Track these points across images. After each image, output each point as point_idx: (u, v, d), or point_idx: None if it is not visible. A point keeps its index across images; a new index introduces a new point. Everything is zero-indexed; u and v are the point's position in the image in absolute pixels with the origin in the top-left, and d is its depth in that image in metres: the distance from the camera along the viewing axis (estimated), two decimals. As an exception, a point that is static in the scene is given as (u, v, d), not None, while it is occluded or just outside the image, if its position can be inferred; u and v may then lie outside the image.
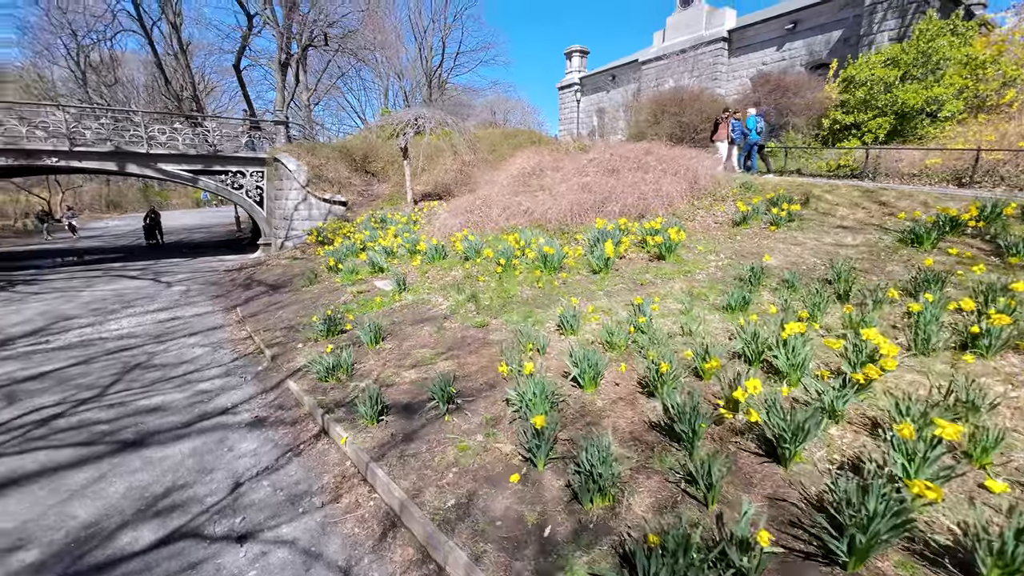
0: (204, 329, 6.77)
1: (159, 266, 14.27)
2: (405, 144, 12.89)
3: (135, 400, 4.18)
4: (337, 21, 25.51)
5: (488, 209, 10.18)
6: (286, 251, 13.90)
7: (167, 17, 23.75)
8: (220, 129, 16.45)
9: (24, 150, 13.11)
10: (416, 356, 4.51)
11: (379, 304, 6.47)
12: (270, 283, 9.35)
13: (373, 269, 8.22)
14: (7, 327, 7.09)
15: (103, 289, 10.38)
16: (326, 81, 35.19)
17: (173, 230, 27.22)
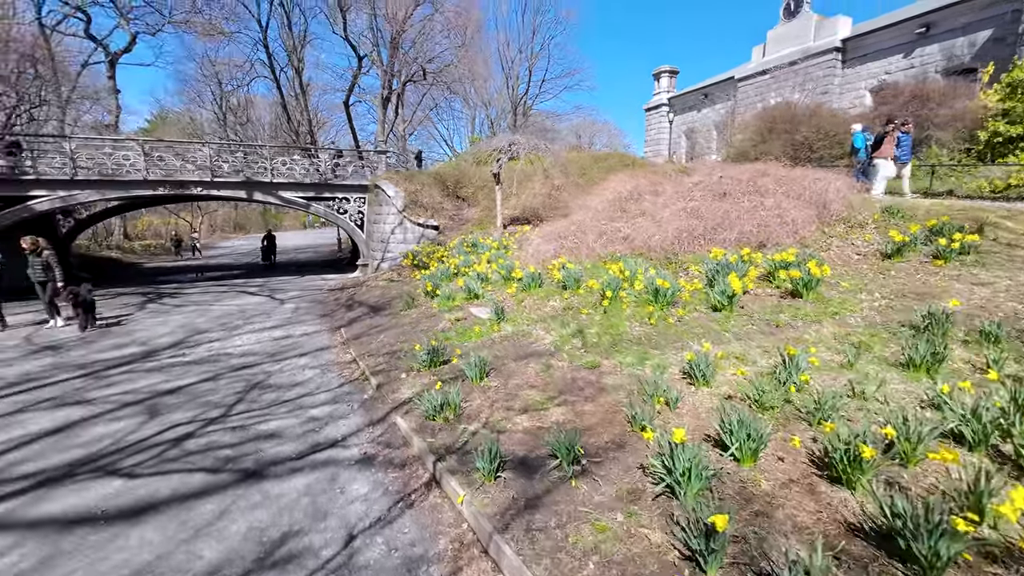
0: (313, 349, 7.05)
1: (273, 283, 15.68)
2: (498, 170, 13.02)
3: (254, 424, 4.27)
4: (435, 57, 27.20)
5: (583, 235, 9.79)
6: (382, 272, 14.57)
7: (292, 63, 26.93)
8: (332, 160, 17.99)
9: (178, 180, 15.23)
10: (525, 399, 4.16)
11: (478, 334, 6.28)
12: (370, 304, 9.70)
13: (469, 295, 8.15)
14: (155, 338, 7.98)
15: (229, 304, 11.50)
16: (420, 113, 37.65)
17: (285, 249, 30.24)
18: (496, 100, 42.01)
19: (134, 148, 15.06)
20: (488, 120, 42.55)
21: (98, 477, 3.30)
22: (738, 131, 18.81)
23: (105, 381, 5.58)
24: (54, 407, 4.73)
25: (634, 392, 4.01)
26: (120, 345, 7.44)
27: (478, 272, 8.98)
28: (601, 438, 3.35)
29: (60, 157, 14.25)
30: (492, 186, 17.56)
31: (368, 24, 26.22)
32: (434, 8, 27.13)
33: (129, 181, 14.69)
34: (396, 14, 24.49)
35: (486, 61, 36.17)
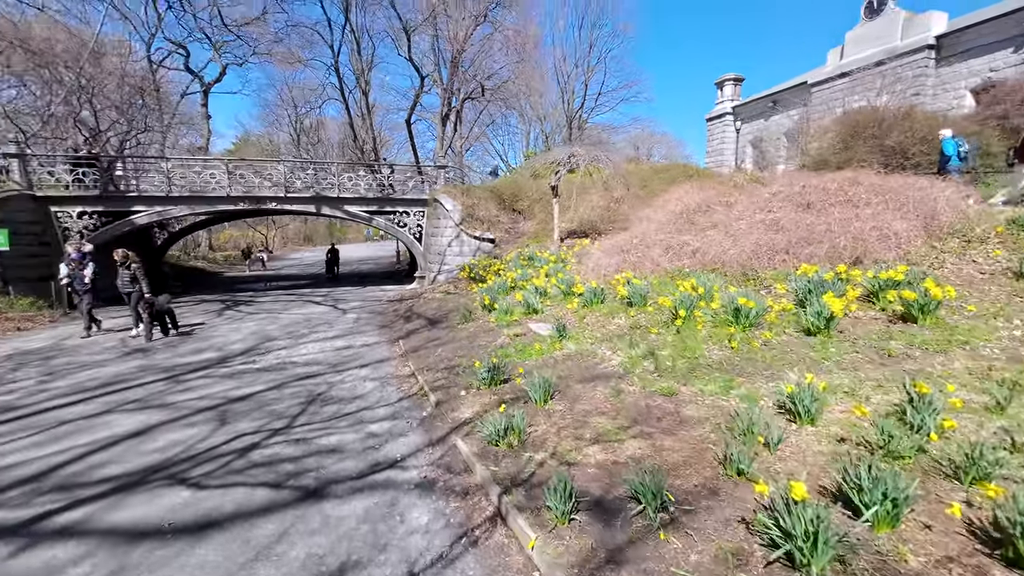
0: (372, 361, 7.07)
1: (336, 293, 16.30)
2: (557, 182, 12.81)
3: (316, 437, 4.22)
4: (493, 74, 27.73)
5: (647, 249, 9.28)
6: (439, 284, 14.71)
7: (360, 86, 28.47)
8: (393, 175, 18.63)
9: (256, 196, 16.32)
10: (595, 427, 3.80)
11: (539, 351, 5.99)
12: (428, 317, 9.71)
13: (527, 310, 7.90)
14: (230, 344, 8.40)
15: (296, 313, 12.02)
16: (476, 129, 38.50)
17: (348, 261, 31.68)
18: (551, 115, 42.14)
19: (220, 167, 16.37)
20: (543, 135, 42.72)
21: (169, 486, 3.33)
22: (814, 138, 17.43)
23: (184, 385, 5.85)
24: (138, 409, 4.97)
25: (722, 426, 3.53)
26: (200, 350, 7.88)
27: (536, 286, 8.73)
28: (689, 480, 2.92)
29: (158, 176, 15.75)
30: (548, 199, 17.36)
31: (430, 45, 27.27)
32: (493, 27, 27.78)
33: (214, 197, 15.93)
34: (457, 34, 25.26)
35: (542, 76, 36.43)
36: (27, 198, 14.11)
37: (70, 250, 9.41)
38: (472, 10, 26.66)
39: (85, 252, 9.39)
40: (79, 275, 9.10)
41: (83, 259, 9.23)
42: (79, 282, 9.11)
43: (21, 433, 4.35)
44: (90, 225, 15.00)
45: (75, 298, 9.46)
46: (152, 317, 8.68)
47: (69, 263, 9.16)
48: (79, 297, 9.36)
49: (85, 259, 9.25)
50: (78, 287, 9.17)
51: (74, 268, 9.12)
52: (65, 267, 9.22)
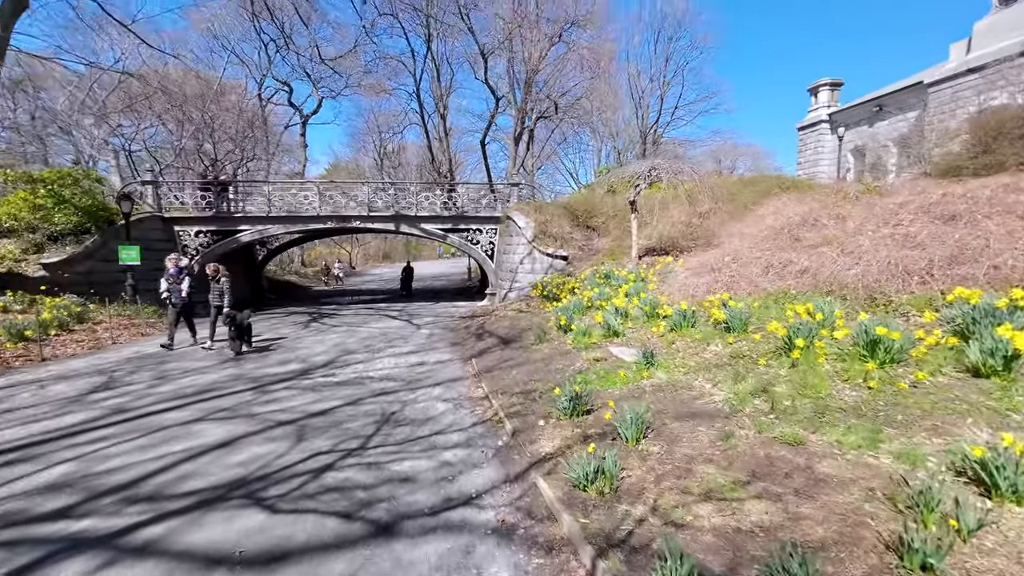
0: (445, 380, 6.90)
1: (411, 308, 16.71)
2: (635, 196, 12.15)
3: (389, 462, 4.01)
4: (567, 92, 27.69)
5: (742, 267, 8.34)
6: (510, 302, 14.51)
7: (438, 110, 29.82)
8: (466, 194, 19.00)
9: (342, 215, 17.36)
10: (703, 478, 3.18)
11: (623, 380, 5.42)
12: (500, 336, 9.45)
13: (607, 332, 7.33)
14: (313, 356, 8.72)
15: (374, 327, 12.37)
16: (548, 148, 38.68)
17: (422, 277, 32.82)
18: (624, 131, 41.28)
19: (312, 189, 17.68)
20: (615, 151, 41.91)
21: (245, 506, 3.24)
22: (940, 142, 15.11)
23: (269, 396, 6.02)
24: (226, 419, 5.13)
25: (878, 494, 2.76)
26: (286, 361, 8.24)
27: (616, 306, 8.13)
28: (847, 570, 2.24)
29: (260, 198, 17.34)
30: (624, 215, 16.62)
31: (506, 68, 27.93)
32: (568, 47, 27.85)
33: (307, 216, 17.18)
34: (531, 55, 25.63)
35: (616, 92, 35.88)
36: (157, 219, 16.11)
37: (168, 265, 9.65)
38: (547, 31, 26.98)
39: (181, 267, 9.65)
40: (176, 289, 9.41)
41: (180, 273, 9.50)
42: (176, 295, 9.42)
43: (128, 436, 4.62)
44: (204, 242, 16.79)
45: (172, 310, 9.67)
46: (238, 329, 8.70)
47: (168, 277, 9.48)
48: (175, 309, 9.67)
49: (181, 273, 9.52)
50: (175, 300, 9.47)
51: (172, 282, 9.44)
52: (164, 281, 9.54)
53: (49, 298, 11.62)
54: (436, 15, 21.68)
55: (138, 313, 13.12)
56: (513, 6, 25.71)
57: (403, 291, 23.11)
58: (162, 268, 16.12)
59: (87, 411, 5.40)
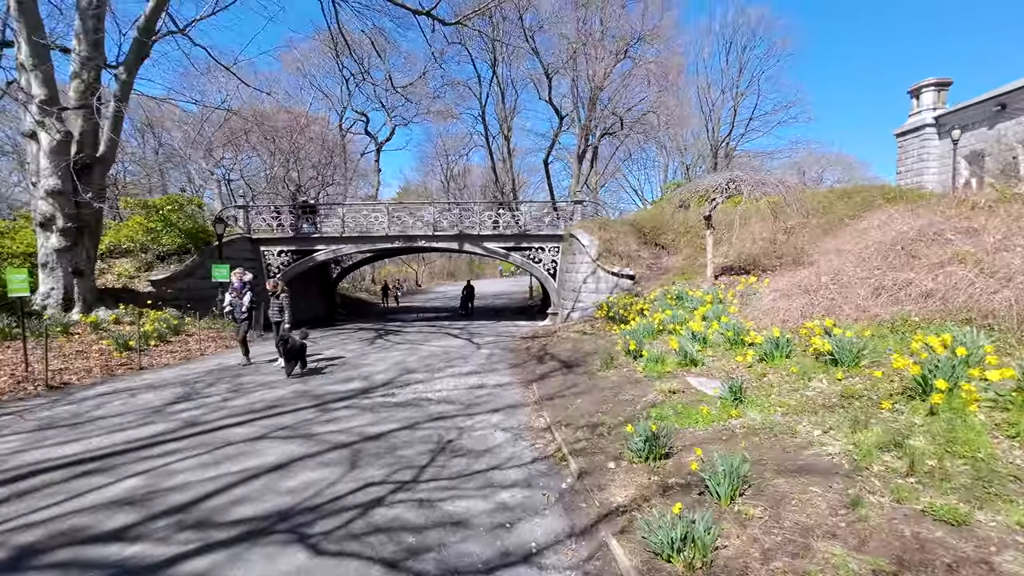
0: (504, 405, 6.51)
1: (472, 327, 16.65)
2: (711, 211, 11.23)
3: (441, 500, 3.67)
4: (633, 107, 27.02)
5: (844, 289, 7.25)
6: (573, 322, 13.94)
7: (502, 132, 30.34)
8: (529, 212, 18.85)
9: (409, 235, 17.87)
10: (828, 560, 2.49)
11: (706, 417, 4.71)
12: (563, 359, 8.95)
13: (683, 360, 6.59)
14: (375, 373, 8.75)
15: (435, 345, 12.36)
16: (612, 166, 37.96)
17: (484, 295, 33.06)
18: (693, 145, 39.60)
19: (382, 210, 18.43)
20: (683, 167, 40.26)
21: (288, 543, 3.04)
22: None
23: (329, 416, 5.98)
24: (285, 438, 5.10)
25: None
26: (350, 378, 8.31)
27: (693, 331, 7.34)
28: None
29: (335, 220, 18.35)
30: (697, 232, 15.54)
31: (569, 87, 27.89)
32: (633, 63, 27.31)
33: (376, 236, 17.88)
34: (596, 73, 25.38)
35: (684, 106, 34.56)
36: (246, 240, 17.54)
37: (233, 279, 9.59)
38: (612, 48, 26.67)
39: (245, 281, 9.51)
40: (238, 303, 9.34)
41: (243, 288, 9.40)
42: (238, 310, 9.37)
43: (195, 451, 4.70)
44: (285, 261, 18.01)
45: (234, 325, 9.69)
46: (288, 353, 8.28)
47: (231, 291, 9.45)
48: (237, 324, 9.62)
49: (244, 288, 9.41)
50: (237, 315, 9.43)
51: (235, 296, 9.39)
52: (228, 295, 9.53)
53: (153, 311, 12.85)
54: (502, 38, 22.14)
55: (225, 327, 14.14)
56: (578, 26, 25.75)
57: (462, 310, 23.08)
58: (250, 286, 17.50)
59: (165, 422, 5.65)
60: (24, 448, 4.78)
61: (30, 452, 4.65)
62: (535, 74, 27.87)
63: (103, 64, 12.24)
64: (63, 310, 11.91)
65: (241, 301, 9.33)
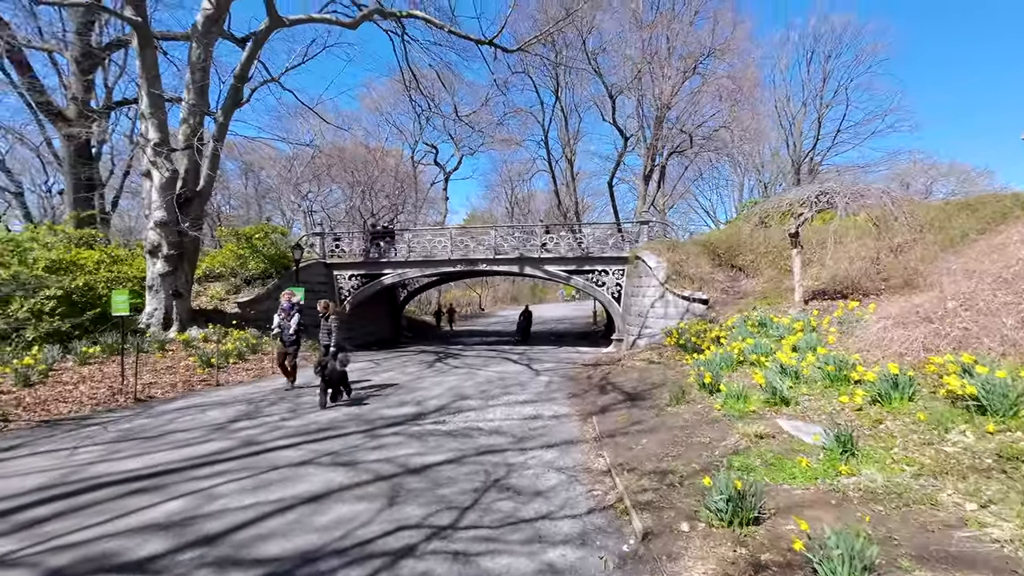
0: (560, 441, 5.92)
1: (533, 352, 16.15)
2: (797, 228, 10.01)
3: (480, 553, 3.19)
4: (704, 123, 25.79)
5: (982, 316, 5.92)
6: (639, 350, 12.98)
7: (565, 155, 30.26)
8: (592, 233, 18.26)
9: (470, 259, 17.98)
10: None
11: (805, 472, 3.83)
12: (627, 390, 8.17)
13: (771, 398, 5.63)
14: (429, 398, 8.54)
15: (492, 371, 12.01)
16: (680, 186, 36.40)
17: (544, 320, 32.50)
18: (771, 162, 37.01)
19: (445, 235, 18.79)
20: (760, 185, 37.63)
21: (306, 594, 2.70)
22: None
23: (376, 442, 5.77)
24: (328, 465, 4.92)
25: None
26: (403, 402, 8.15)
27: (782, 363, 6.32)
28: None
29: (401, 246, 18.98)
30: (779, 252, 14.06)
31: (635, 107, 27.28)
32: (703, 79, 26.18)
33: (438, 260, 18.19)
34: (663, 91, 24.58)
35: (760, 120, 32.45)
36: (321, 265, 18.62)
37: (282, 300, 9.12)
38: (679, 66, 25.81)
39: (294, 303, 9.04)
40: (286, 326, 8.82)
41: (291, 309, 8.92)
42: (286, 332, 8.85)
43: (242, 473, 4.65)
44: (355, 284, 18.84)
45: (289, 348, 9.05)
46: (325, 382, 7.54)
47: (280, 313, 8.98)
48: (285, 348, 8.99)
49: (293, 309, 8.93)
50: (285, 338, 8.89)
51: (283, 318, 8.86)
52: (277, 316, 9.02)
53: (236, 331, 13.84)
54: (565, 61, 22.21)
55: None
56: (643, 46, 25.26)
57: (518, 335, 21.32)
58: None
59: (224, 441, 5.74)
60: (96, 460, 5.02)
61: (99, 465, 4.86)
62: (598, 97, 27.64)
63: (206, 110, 13.76)
64: (163, 328, 13.16)
65: (289, 323, 8.88)
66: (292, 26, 13.69)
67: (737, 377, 6.95)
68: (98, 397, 8.03)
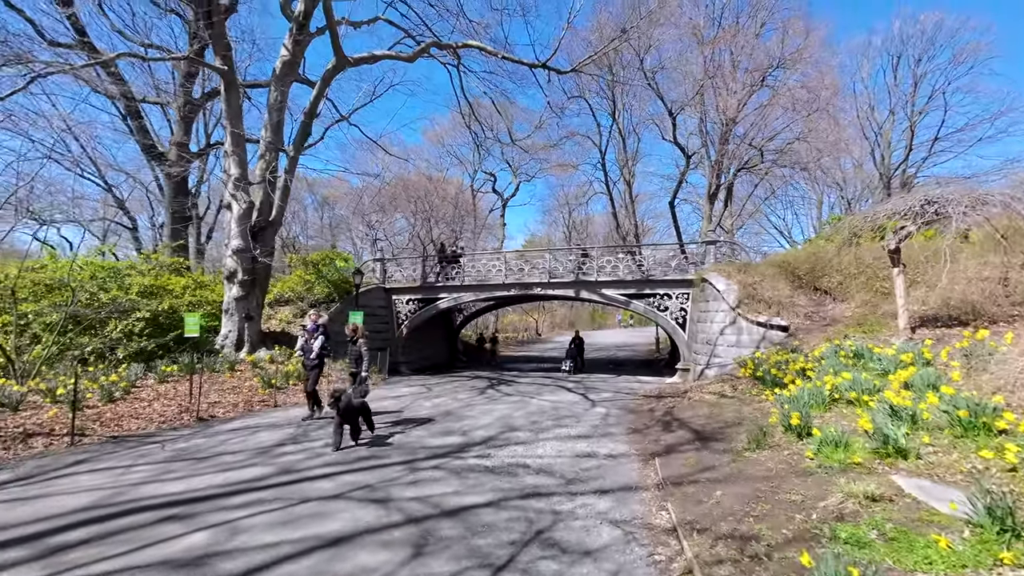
0: (616, 487, 5.18)
1: (590, 380, 15.27)
2: (898, 243, 8.63)
3: (512, 633, 2.60)
4: (775, 135, 24.07)
5: None
6: (707, 381, 11.76)
7: (623, 177, 29.51)
8: (653, 255, 17.27)
9: (524, 283, 17.64)
10: None
11: (945, 557, 2.88)
12: (695, 428, 7.21)
13: (882, 448, 4.55)
14: (476, 428, 8.09)
15: (546, 399, 11.36)
16: (750, 205, 34.16)
17: (605, 346, 31.20)
18: (855, 176, 33.83)
19: (500, 259, 18.67)
20: (842, 201, 34.41)
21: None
22: None
23: (413, 477, 5.38)
24: (360, 501, 4.59)
25: None
26: (449, 431, 7.76)
27: (892, 404, 5.18)
28: None
29: (457, 270, 19.09)
30: (875, 272, 12.36)
31: (697, 125, 26.14)
32: (772, 92, 24.60)
33: (493, 284, 18.02)
34: (728, 106, 23.33)
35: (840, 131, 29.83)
36: (380, 289, 19.13)
37: (307, 321, 8.57)
38: (745, 80, 24.50)
39: (319, 324, 8.37)
40: (308, 348, 8.12)
41: (315, 331, 8.25)
42: (307, 356, 8.14)
43: (272, 505, 4.43)
44: (412, 308, 19.12)
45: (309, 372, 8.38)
46: (340, 414, 6.25)
47: (304, 334, 8.35)
48: (306, 372, 8.29)
49: (317, 331, 8.24)
50: (306, 362, 8.21)
51: (306, 340, 8.22)
52: (300, 338, 8.44)
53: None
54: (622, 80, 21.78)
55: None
56: (704, 63, 24.31)
57: (570, 361, 17.95)
58: (379, 331, 18.82)
59: (264, 467, 5.63)
60: (144, 481, 5.06)
61: (144, 486, 4.88)
62: (657, 116, 26.85)
63: (280, 146, 14.84)
64: (235, 349, 13.94)
65: (311, 345, 8.12)
66: (357, 64, 14.52)
67: (832, 419, 5.85)
68: (166, 415, 8.42)
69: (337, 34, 13.03)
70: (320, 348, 8.17)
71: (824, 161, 28.39)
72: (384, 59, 14.49)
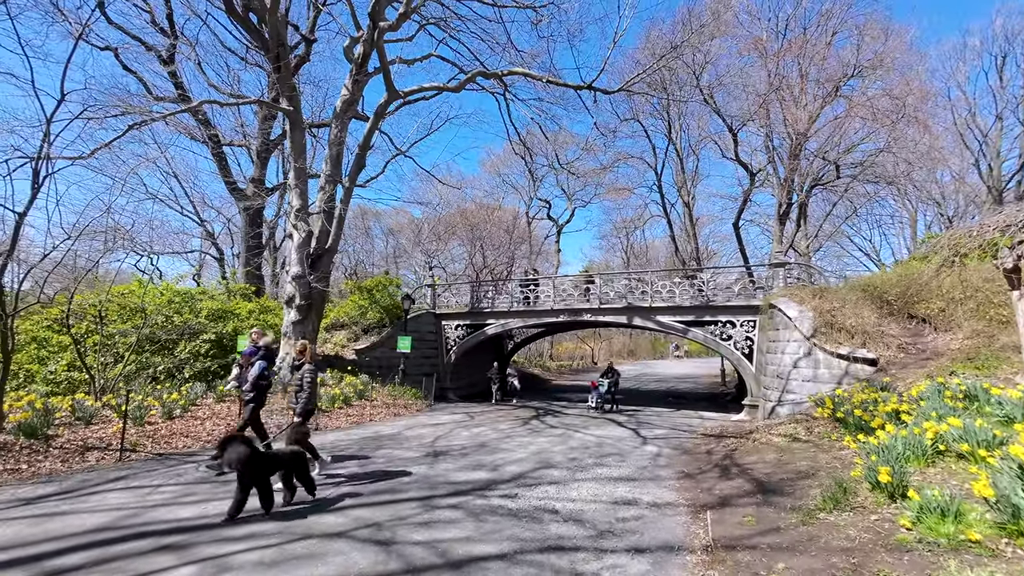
0: (656, 545, 4.40)
1: (644, 415, 14.14)
2: (1016, 260, 7.14)
3: None
4: (855, 146, 21.94)
5: None
6: (778, 420, 10.34)
7: (682, 199, 28.22)
8: (714, 279, 16.00)
9: (573, 309, 16.99)
10: None
11: None
12: (758, 477, 6.17)
13: (1013, 525, 3.47)
14: (508, 463, 7.53)
15: (591, 433, 10.54)
16: (828, 226, 31.21)
17: (665, 378, 29.29)
18: (954, 191, 30.01)
19: (548, 284, 18.21)
20: (942, 219, 30.52)
21: None
22: None
23: (426, 516, 4.94)
24: (361, 541, 4.21)
25: None
26: (478, 466, 7.28)
27: (1021, 461, 4.01)
28: None
29: (505, 296, 18.88)
30: (987, 296, 10.50)
31: (763, 141, 24.54)
32: (848, 102, 22.62)
33: (541, 311, 17.55)
34: (797, 120, 21.68)
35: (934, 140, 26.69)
36: (431, 315, 19.31)
37: (247, 342, 6.92)
38: (816, 92, 22.78)
39: (259, 346, 6.58)
40: (243, 377, 6.42)
41: (252, 355, 6.49)
42: (243, 385, 6.39)
43: (270, 538, 4.19)
44: (461, 334, 19.06)
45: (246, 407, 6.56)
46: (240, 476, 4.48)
47: (239, 361, 6.77)
48: (244, 405, 6.48)
49: (255, 355, 6.46)
50: (244, 394, 6.41)
51: (242, 369, 6.57)
52: (236, 367, 6.88)
53: (349, 376, 14.61)
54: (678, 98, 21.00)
55: (402, 394, 15.15)
56: (769, 77, 22.92)
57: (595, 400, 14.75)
58: (429, 356, 18.86)
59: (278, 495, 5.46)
60: (163, 503, 5.06)
61: (160, 509, 4.86)
62: (717, 134, 25.58)
63: (339, 179, 15.69)
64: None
65: (245, 375, 6.40)
66: (406, 97, 15.16)
67: (936, 477, 4.69)
68: (213, 435, 8.69)
69: (388, 71, 13.70)
70: (256, 377, 6.27)
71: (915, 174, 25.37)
72: (431, 90, 15.01)
